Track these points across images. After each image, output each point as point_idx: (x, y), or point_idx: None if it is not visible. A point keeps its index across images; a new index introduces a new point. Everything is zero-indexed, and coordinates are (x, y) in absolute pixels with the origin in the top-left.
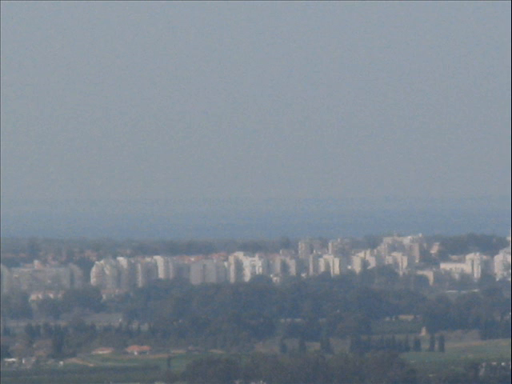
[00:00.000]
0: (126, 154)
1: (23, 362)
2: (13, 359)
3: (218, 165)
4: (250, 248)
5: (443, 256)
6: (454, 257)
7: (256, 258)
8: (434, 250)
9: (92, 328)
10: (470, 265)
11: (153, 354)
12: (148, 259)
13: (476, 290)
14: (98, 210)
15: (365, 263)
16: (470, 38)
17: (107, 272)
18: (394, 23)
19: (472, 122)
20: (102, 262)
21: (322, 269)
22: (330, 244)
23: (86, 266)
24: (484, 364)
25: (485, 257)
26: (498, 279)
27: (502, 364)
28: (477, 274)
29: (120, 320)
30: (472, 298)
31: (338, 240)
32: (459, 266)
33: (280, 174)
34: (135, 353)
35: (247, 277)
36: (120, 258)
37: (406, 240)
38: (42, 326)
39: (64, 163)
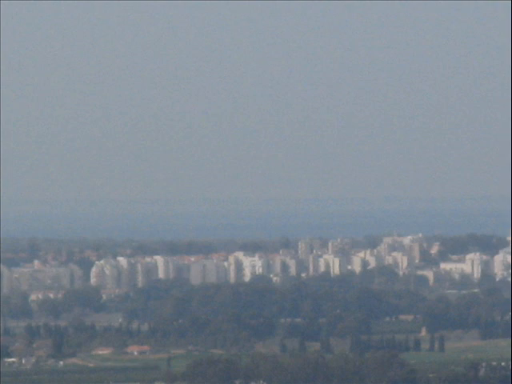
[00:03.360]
0: (126, 154)
1: (23, 362)
2: (13, 359)
3: (218, 165)
4: (250, 248)
5: (443, 256)
6: (454, 257)
7: (256, 258)
8: (434, 249)
9: (92, 328)
10: (470, 265)
11: (153, 354)
12: (148, 259)
13: (476, 290)
14: (98, 210)
15: (365, 263)
16: (470, 38)
17: (107, 272)
18: (394, 23)
19: (472, 122)
20: (101, 262)
21: (322, 269)
22: (329, 244)
23: (86, 266)
24: (484, 364)
25: (485, 257)
26: (498, 279)
27: (502, 364)
28: (477, 273)
29: (120, 320)
30: (472, 298)
31: (338, 240)
32: (459, 265)
33: (280, 174)
34: (135, 353)
35: (247, 277)
36: (120, 258)
37: (406, 240)
38: (42, 326)
39: (64, 163)
